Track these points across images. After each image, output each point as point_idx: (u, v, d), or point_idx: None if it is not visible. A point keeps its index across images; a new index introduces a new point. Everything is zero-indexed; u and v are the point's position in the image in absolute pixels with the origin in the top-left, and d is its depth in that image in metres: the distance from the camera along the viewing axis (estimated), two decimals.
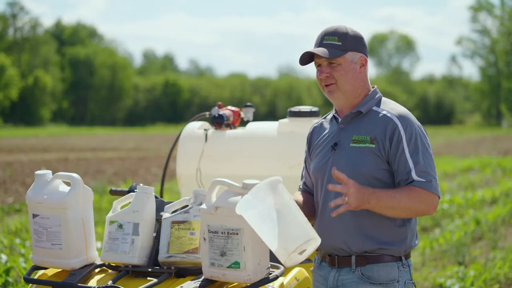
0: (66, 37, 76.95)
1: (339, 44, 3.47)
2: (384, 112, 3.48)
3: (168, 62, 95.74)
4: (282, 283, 4.03)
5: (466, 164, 23.67)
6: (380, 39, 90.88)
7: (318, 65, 3.55)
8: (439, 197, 3.43)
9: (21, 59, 66.14)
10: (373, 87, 3.61)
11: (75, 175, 4.04)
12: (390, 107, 3.51)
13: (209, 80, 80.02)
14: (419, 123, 3.50)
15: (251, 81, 78.31)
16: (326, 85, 3.53)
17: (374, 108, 3.52)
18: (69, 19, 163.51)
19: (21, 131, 50.31)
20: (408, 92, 78.71)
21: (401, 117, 3.45)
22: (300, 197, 3.70)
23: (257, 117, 5.86)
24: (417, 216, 3.47)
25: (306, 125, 4.47)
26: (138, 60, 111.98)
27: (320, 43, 3.51)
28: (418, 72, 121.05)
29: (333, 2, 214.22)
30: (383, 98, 3.58)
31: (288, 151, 5.18)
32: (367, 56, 3.56)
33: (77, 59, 71.77)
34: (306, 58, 3.54)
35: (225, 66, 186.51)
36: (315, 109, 5.33)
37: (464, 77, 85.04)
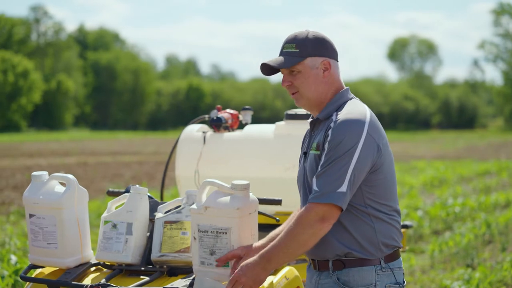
0: (89, 42, 77.38)
1: (297, 51, 3.37)
2: (333, 117, 3.33)
3: (191, 66, 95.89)
4: (272, 281, 4.09)
5: (484, 168, 23.60)
6: (402, 44, 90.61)
7: (283, 74, 3.48)
8: (333, 203, 3.21)
9: (44, 63, 66.66)
10: (343, 89, 3.46)
11: (70, 176, 4.13)
12: (344, 111, 3.34)
13: (231, 84, 79.95)
14: (366, 130, 3.27)
15: (273, 86, 78.07)
16: (292, 93, 3.49)
17: (334, 113, 3.37)
18: (91, 24, 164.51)
19: (44, 136, 50.64)
20: (431, 96, 78.43)
21: (339, 123, 3.28)
22: None
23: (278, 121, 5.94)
24: (319, 237, 3.27)
25: (302, 128, 4.49)
26: (160, 64, 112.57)
27: (280, 52, 3.45)
28: (440, 76, 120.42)
29: (352, 6, 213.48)
30: (350, 101, 3.43)
31: (284, 153, 5.23)
32: (333, 59, 3.43)
33: (99, 63, 72.16)
34: (269, 68, 3.48)
35: (247, 70, 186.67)
36: None
37: (486, 81, 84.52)
